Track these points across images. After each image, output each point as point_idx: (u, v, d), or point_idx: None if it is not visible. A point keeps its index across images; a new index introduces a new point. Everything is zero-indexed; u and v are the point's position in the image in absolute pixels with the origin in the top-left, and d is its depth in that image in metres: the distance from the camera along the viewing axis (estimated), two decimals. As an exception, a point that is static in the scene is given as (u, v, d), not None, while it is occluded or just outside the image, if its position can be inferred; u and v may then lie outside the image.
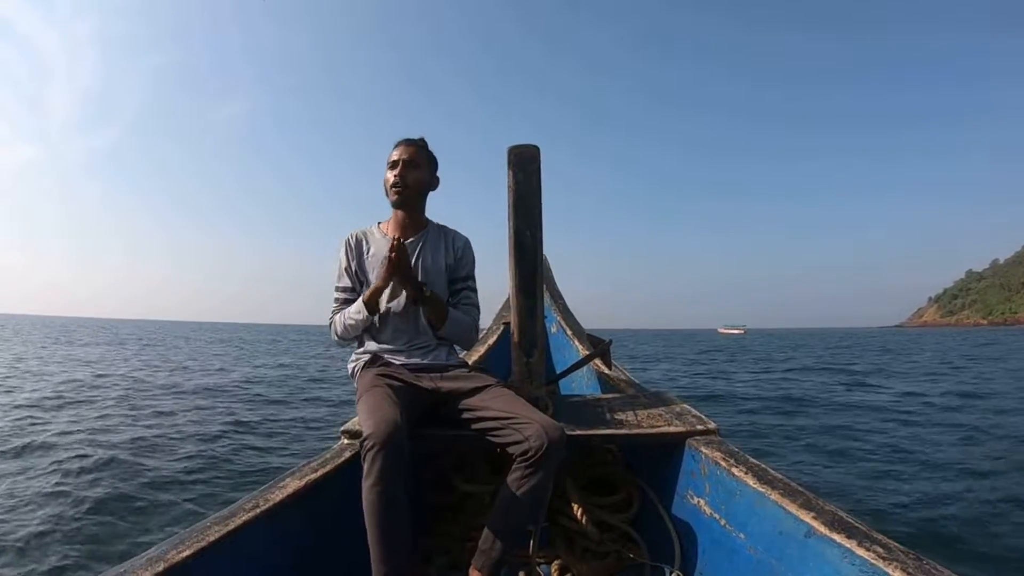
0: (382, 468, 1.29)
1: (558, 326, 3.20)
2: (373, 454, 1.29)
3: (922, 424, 6.75)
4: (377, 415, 1.36)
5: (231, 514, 1.19)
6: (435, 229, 1.84)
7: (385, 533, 1.29)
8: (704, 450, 1.50)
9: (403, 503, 1.33)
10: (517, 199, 1.74)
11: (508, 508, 1.40)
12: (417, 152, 1.75)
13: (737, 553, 1.32)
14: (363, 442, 1.32)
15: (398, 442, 1.32)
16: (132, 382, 10.14)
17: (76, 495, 3.63)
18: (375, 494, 1.29)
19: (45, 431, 5.58)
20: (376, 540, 1.30)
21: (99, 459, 4.42)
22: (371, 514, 1.30)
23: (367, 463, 1.31)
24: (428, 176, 1.78)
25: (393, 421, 1.35)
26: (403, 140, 1.77)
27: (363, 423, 1.38)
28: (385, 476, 1.29)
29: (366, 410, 1.43)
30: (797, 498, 1.18)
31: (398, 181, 1.72)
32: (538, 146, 1.75)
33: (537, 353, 1.76)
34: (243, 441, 5.42)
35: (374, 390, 1.51)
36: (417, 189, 1.76)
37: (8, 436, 5.32)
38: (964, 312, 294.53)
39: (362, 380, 1.63)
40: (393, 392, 1.51)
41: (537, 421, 1.41)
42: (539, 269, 1.77)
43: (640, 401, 1.88)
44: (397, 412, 1.40)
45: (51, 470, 4.20)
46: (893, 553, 0.93)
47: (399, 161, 1.73)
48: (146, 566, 0.97)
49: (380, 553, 1.29)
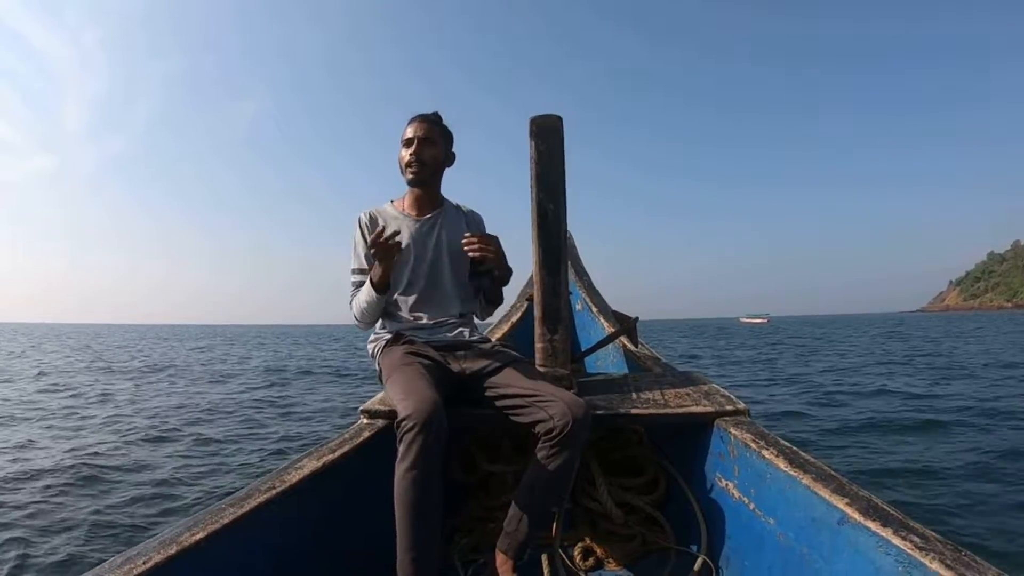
0: (420, 451, 1.24)
1: (583, 303, 3.15)
2: (412, 435, 1.24)
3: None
4: (415, 394, 1.31)
5: (247, 495, 1.16)
6: (451, 207, 1.82)
7: (417, 520, 1.25)
8: (733, 431, 1.46)
9: (438, 489, 1.29)
10: (539, 172, 1.69)
11: (533, 488, 1.37)
12: (431, 128, 1.71)
13: (766, 539, 1.28)
14: (400, 423, 1.28)
15: (438, 423, 1.27)
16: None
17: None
18: (410, 479, 1.24)
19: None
20: (406, 527, 1.25)
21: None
22: (404, 499, 1.25)
23: (404, 444, 1.26)
24: (444, 152, 1.75)
25: (433, 400, 1.30)
26: (417, 116, 1.72)
27: (399, 403, 1.33)
28: (423, 460, 1.24)
29: (402, 389, 1.38)
30: (830, 483, 1.13)
31: (413, 159, 1.69)
32: (560, 116, 1.69)
33: (561, 331, 1.71)
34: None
35: (405, 368, 1.47)
36: (433, 166, 1.73)
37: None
38: (988, 295, 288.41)
39: (387, 358, 1.59)
40: (422, 367, 1.48)
41: (562, 399, 1.37)
42: (563, 244, 1.72)
43: (667, 380, 1.83)
44: (434, 391, 1.35)
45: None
46: (931, 543, 0.89)
47: (414, 139, 1.69)
48: (159, 549, 0.95)
49: (409, 540, 1.25)
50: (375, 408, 1.62)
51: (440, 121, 1.75)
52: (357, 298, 1.68)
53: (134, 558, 0.92)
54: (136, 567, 0.89)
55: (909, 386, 8.64)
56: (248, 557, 1.13)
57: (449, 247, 1.73)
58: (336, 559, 1.38)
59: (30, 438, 5.55)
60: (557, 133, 1.69)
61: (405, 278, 1.70)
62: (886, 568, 0.92)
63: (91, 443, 5.37)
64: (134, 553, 0.94)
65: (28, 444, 5.30)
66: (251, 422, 6.58)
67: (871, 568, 0.95)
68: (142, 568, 0.89)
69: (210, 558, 1.01)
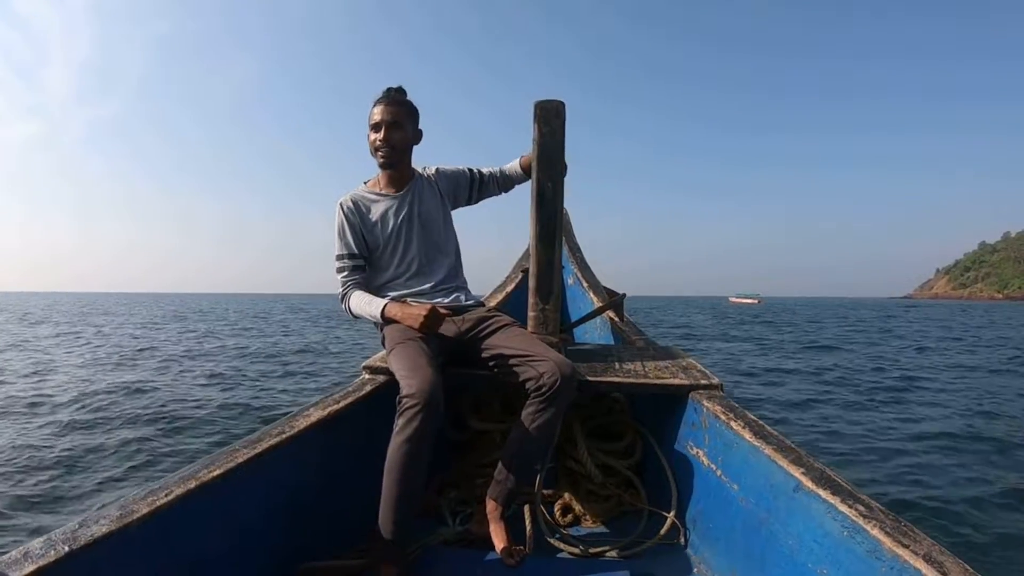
0: (418, 428, 1.31)
1: (575, 278, 3.26)
2: (413, 413, 1.31)
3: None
4: (419, 374, 1.38)
5: (258, 439, 1.27)
6: (420, 178, 1.85)
7: (402, 487, 1.33)
8: (706, 403, 1.56)
9: (426, 461, 1.36)
10: (541, 152, 1.76)
11: (522, 441, 1.48)
12: (398, 111, 1.72)
13: (730, 503, 1.39)
14: (402, 398, 1.35)
15: (437, 403, 1.34)
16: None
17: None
18: (404, 451, 1.32)
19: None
20: (391, 492, 1.34)
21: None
22: (394, 467, 1.33)
23: (403, 419, 1.33)
24: (411, 133, 1.77)
25: (434, 382, 1.36)
26: (382, 98, 1.73)
27: (402, 380, 1.40)
28: (418, 436, 1.31)
29: (405, 366, 1.44)
30: (789, 454, 1.23)
31: (383, 144, 1.71)
32: (563, 101, 1.76)
33: (553, 301, 1.81)
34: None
35: (408, 343, 1.53)
36: (402, 148, 1.75)
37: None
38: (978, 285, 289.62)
39: (391, 330, 1.65)
40: (425, 343, 1.54)
41: (552, 359, 1.48)
42: (559, 220, 1.80)
43: (648, 353, 1.93)
44: (435, 370, 1.42)
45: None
46: (874, 512, 0.97)
47: (381, 123, 1.71)
48: (179, 483, 1.05)
49: (391, 504, 1.34)
50: (376, 365, 1.73)
51: (405, 99, 1.76)
52: (359, 305, 1.71)
53: (156, 491, 1.02)
54: (159, 499, 1.00)
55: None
56: (259, 493, 1.24)
57: (429, 217, 1.79)
58: (338, 498, 1.50)
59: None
60: (559, 116, 1.76)
61: (398, 253, 1.76)
62: (833, 532, 1.02)
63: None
64: (157, 487, 1.04)
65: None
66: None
67: (820, 532, 1.05)
68: (164, 500, 1.00)
69: (225, 493, 1.12)
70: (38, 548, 0.84)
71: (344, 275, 1.76)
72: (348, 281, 1.76)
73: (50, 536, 0.87)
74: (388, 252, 1.76)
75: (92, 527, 0.89)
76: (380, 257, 1.78)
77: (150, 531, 0.95)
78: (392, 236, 1.75)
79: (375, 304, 1.67)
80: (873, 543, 0.92)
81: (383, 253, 1.77)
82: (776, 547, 1.17)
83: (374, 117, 1.72)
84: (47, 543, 0.85)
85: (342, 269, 1.77)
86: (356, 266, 1.77)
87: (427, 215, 1.78)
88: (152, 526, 0.96)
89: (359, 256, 1.77)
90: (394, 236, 1.75)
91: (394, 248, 1.76)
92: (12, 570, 0.79)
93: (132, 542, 0.92)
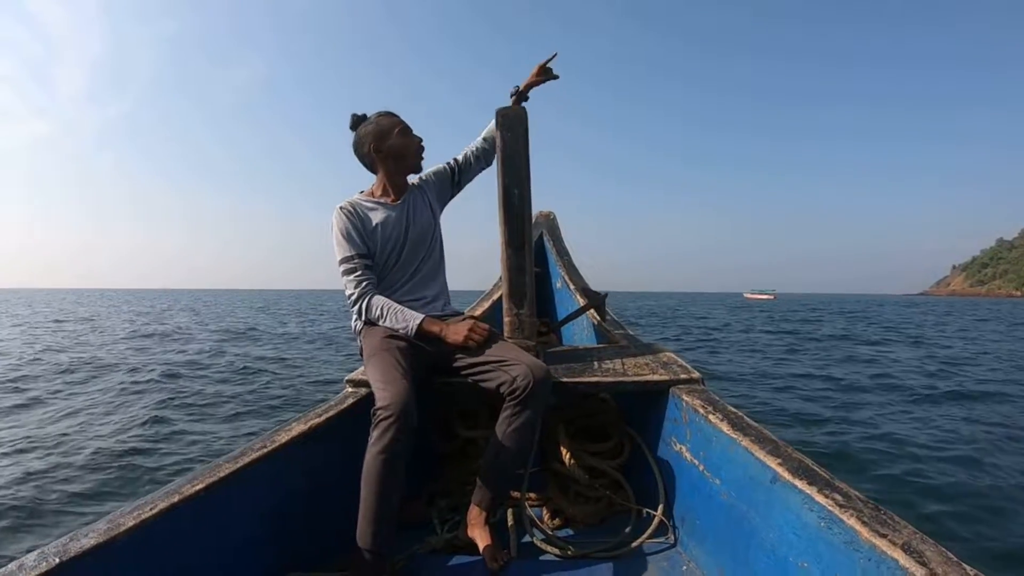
0: (392, 439, 1.33)
1: (562, 281, 3.29)
2: (387, 425, 1.33)
3: None
4: (393, 387, 1.39)
5: (241, 453, 1.30)
6: (413, 188, 1.87)
7: (378, 498, 1.34)
8: (686, 398, 1.56)
9: (402, 471, 1.37)
10: (505, 158, 1.80)
11: (501, 446, 1.48)
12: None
13: (713, 498, 1.38)
14: (376, 411, 1.36)
15: (410, 414, 1.36)
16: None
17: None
18: (380, 462, 1.33)
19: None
20: (368, 503, 1.35)
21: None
22: (370, 479, 1.34)
23: (378, 431, 1.34)
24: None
25: (407, 393, 1.39)
26: (393, 113, 1.79)
27: (377, 391, 1.41)
28: (392, 447, 1.33)
29: (380, 378, 1.45)
30: (766, 445, 1.23)
31: (424, 147, 1.79)
32: (525, 108, 1.80)
33: (527, 306, 1.82)
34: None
35: (383, 354, 1.55)
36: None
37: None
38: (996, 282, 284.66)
39: (369, 339, 1.66)
40: (401, 355, 1.55)
41: (524, 362, 1.49)
42: (527, 225, 1.82)
43: (630, 351, 1.94)
44: (409, 382, 1.44)
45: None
46: (852, 501, 0.97)
47: (410, 128, 1.77)
48: (164, 497, 1.08)
49: (369, 515, 1.34)
50: (358, 379, 1.75)
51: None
52: (386, 312, 1.65)
53: (142, 505, 1.06)
54: (144, 512, 1.03)
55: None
56: (242, 507, 1.26)
57: (422, 228, 1.80)
58: (319, 513, 1.51)
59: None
60: (522, 123, 1.80)
61: (392, 263, 1.76)
62: (811, 524, 1.01)
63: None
64: (142, 501, 1.08)
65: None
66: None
67: (798, 523, 1.04)
68: (149, 513, 1.03)
69: (208, 506, 1.14)
70: (32, 561, 0.88)
71: (357, 275, 1.68)
72: (363, 281, 1.68)
73: (43, 550, 0.91)
74: (383, 261, 1.75)
75: (81, 540, 0.93)
76: (375, 266, 1.76)
77: (136, 543, 0.99)
78: (388, 245, 1.74)
79: (407, 315, 1.62)
80: (850, 533, 0.91)
81: (377, 262, 1.75)
82: (758, 541, 1.16)
83: (403, 124, 1.76)
84: (40, 556, 0.89)
85: (353, 269, 1.69)
86: (368, 266, 1.71)
87: (421, 227, 1.79)
88: (138, 538, 0.99)
89: (369, 255, 1.72)
90: (390, 245, 1.74)
91: (388, 257, 1.75)
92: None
93: (119, 554, 0.96)
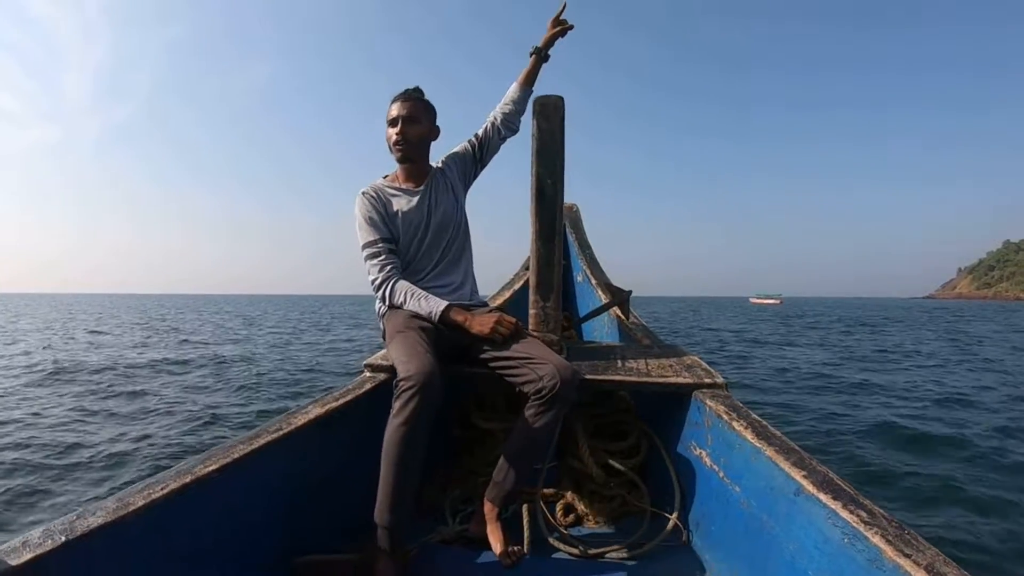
0: (415, 409, 1.31)
1: (584, 275, 3.24)
2: (409, 395, 1.31)
3: None
4: (416, 359, 1.38)
5: (256, 435, 1.28)
6: (436, 172, 1.84)
7: (398, 471, 1.33)
8: (709, 403, 1.53)
9: (423, 446, 1.35)
10: (540, 147, 1.74)
11: (519, 443, 1.46)
12: (414, 106, 1.73)
13: (732, 506, 1.36)
14: (399, 381, 1.34)
15: (435, 386, 1.34)
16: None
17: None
18: (400, 433, 1.31)
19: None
20: (388, 476, 1.33)
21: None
22: (391, 450, 1.33)
23: (400, 401, 1.33)
24: (428, 128, 1.77)
25: (432, 364, 1.37)
26: (400, 95, 1.74)
27: (399, 364, 1.39)
28: (415, 417, 1.31)
29: (403, 351, 1.44)
30: (791, 456, 1.20)
31: (400, 139, 1.71)
32: (562, 96, 1.74)
33: (553, 299, 1.79)
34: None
35: (408, 332, 1.53)
36: (418, 143, 1.75)
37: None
38: (1003, 284, 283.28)
39: (392, 321, 1.64)
40: (424, 332, 1.54)
41: (552, 362, 1.46)
42: (559, 217, 1.78)
43: (653, 352, 1.91)
44: (434, 356, 1.42)
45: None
46: (876, 519, 0.94)
47: (398, 118, 1.71)
48: (175, 477, 1.06)
49: (389, 488, 1.33)
50: (377, 363, 1.73)
51: (422, 97, 1.76)
52: (410, 298, 1.63)
53: (153, 485, 1.03)
54: (154, 492, 1.01)
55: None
56: (256, 489, 1.25)
57: (444, 214, 1.77)
58: (334, 497, 1.50)
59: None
60: (559, 112, 1.74)
61: (413, 249, 1.74)
62: (834, 539, 0.98)
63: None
64: (153, 480, 1.05)
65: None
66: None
67: (820, 537, 1.02)
68: (160, 494, 1.01)
69: (221, 487, 1.13)
70: (36, 538, 0.85)
71: (381, 259, 1.67)
72: (387, 265, 1.67)
73: (49, 527, 0.88)
74: (407, 249, 1.74)
75: (89, 519, 0.91)
76: (399, 252, 1.75)
77: (146, 523, 0.97)
78: (411, 232, 1.73)
79: (433, 302, 1.60)
80: (874, 551, 0.89)
81: (401, 249, 1.74)
82: (777, 552, 1.14)
83: (391, 113, 1.72)
84: (45, 533, 0.86)
85: (377, 254, 1.67)
86: (391, 250, 1.69)
87: (444, 212, 1.77)
88: (148, 518, 0.97)
89: (392, 240, 1.70)
90: (412, 231, 1.73)
91: (409, 243, 1.73)
92: (11, 558, 0.80)
93: (127, 533, 0.94)
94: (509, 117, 1.88)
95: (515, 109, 1.87)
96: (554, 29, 1.84)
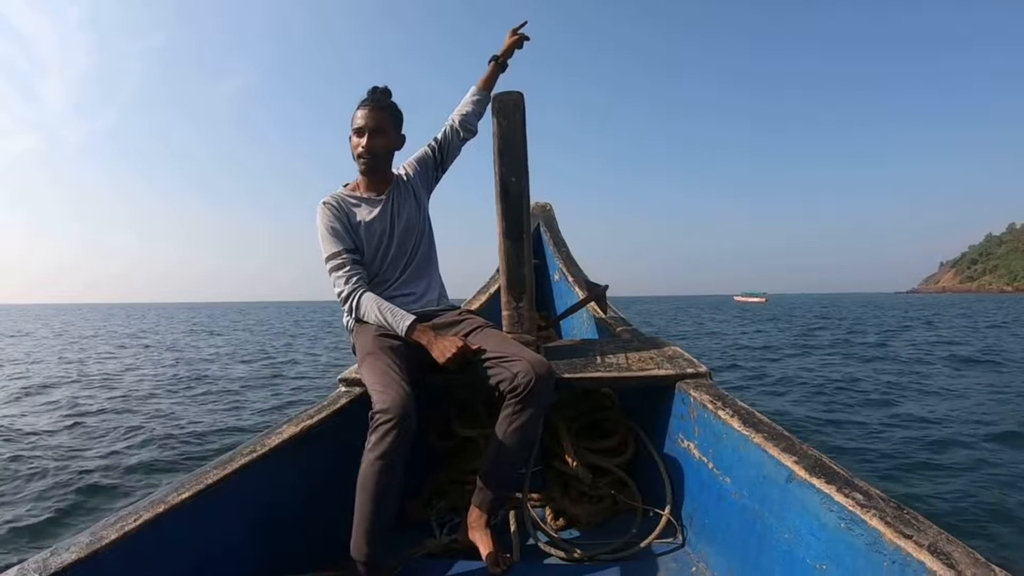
0: (391, 444, 1.27)
1: (560, 274, 3.23)
2: (386, 429, 1.28)
3: None
4: (392, 388, 1.34)
5: (230, 459, 1.24)
6: (398, 179, 1.80)
7: (374, 506, 1.29)
8: (693, 393, 1.50)
9: (400, 477, 1.32)
10: (502, 146, 1.73)
11: (501, 445, 1.42)
12: (382, 117, 1.69)
13: (724, 498, 1.33)
14: (375, 414, 1.31)
15: (410, 418, 1.30)
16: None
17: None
18: (378, 467, 1.28)
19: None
20: (363, 512, 1.29)
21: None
22: (367, 484, 1.29)
23: (376, 435, 1.29)
24: (394, 139, 1.74)
25: (407, 394, 1.33)
26: (367, 101, 1.69)
27: (375, 394, 1.35)
28: (392, 452, 1.28)
29: (378, 380, 1.39)
30: (780, 442, 1.17)
31: (365, 152, 1.68)
32: (522, 92, 1.74)
33: (527, 299, 1.76)
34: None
35: (379, 354, 1.48)
36: (383, 154, 1.72)
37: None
38: (986, 278, 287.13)
39: (361, 338, 1.60)
40: (396, 355, 1.49)
41: (526, 358, 1.43)
42: (526, 214, 1.76)
43: (633, 345, 1.88)
44: (406, 383, 1.38)
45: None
46: (873, 500, 0.92)
47: (364, 128, 1.67)
48: (148, 507, 1.03)
49: (364, 524, 1.29)
50: (352, 377, 1.69)
51: (390, 103, 1.72)
52: (376, 310, 1.57)
53: (125, 516, 1.00)
54: (127, 524, 0.98)
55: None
56: (232, 513, 1.20)
57: (407, 221, 1.74)
58: (313, 517, 1.45)
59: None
60: (519, 108, 1.73)
61: (377, 257, 1.71)
62: (830, 524, 0.96)
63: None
64: (126, 512, 1.02)
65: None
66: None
67: (816, 524, 0.99)
68: (133, 525, 0.98)
69: (195, 514, 1.09)
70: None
71: (346, 270, 1.62)
72: (353, 276, 1.62)
73: (23, 566, 0.87)
74: (371, 259, 1.70)
75: (63, 555, 0.90)
76: (364, 263, 1.71)
77: (119, 556, 0.95)
78: (375, 241, 1.70)
79: (399, 316, 1.54)
80: (873, 534, 0.86)
81: (366, 260, 1.70)
82: (772, 542, 1.11)
83: (357, 121, 1.68)
84: (19, 572, 0.85)
85: (341, 265, 1.63)
86: (356, 260, 1.65)
87: (408, 219, 1.74)
88: (121, 551, 0.95)
89: (357, 250, 1.67)
90: (376, 240, 1.70)
91: (375, 253, 1.70)
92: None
93: (101, 568, 0.92)
94: (467, 119, 1.88)
95: (473, 111, 1.88)
96: (512, 39, 1.89)
